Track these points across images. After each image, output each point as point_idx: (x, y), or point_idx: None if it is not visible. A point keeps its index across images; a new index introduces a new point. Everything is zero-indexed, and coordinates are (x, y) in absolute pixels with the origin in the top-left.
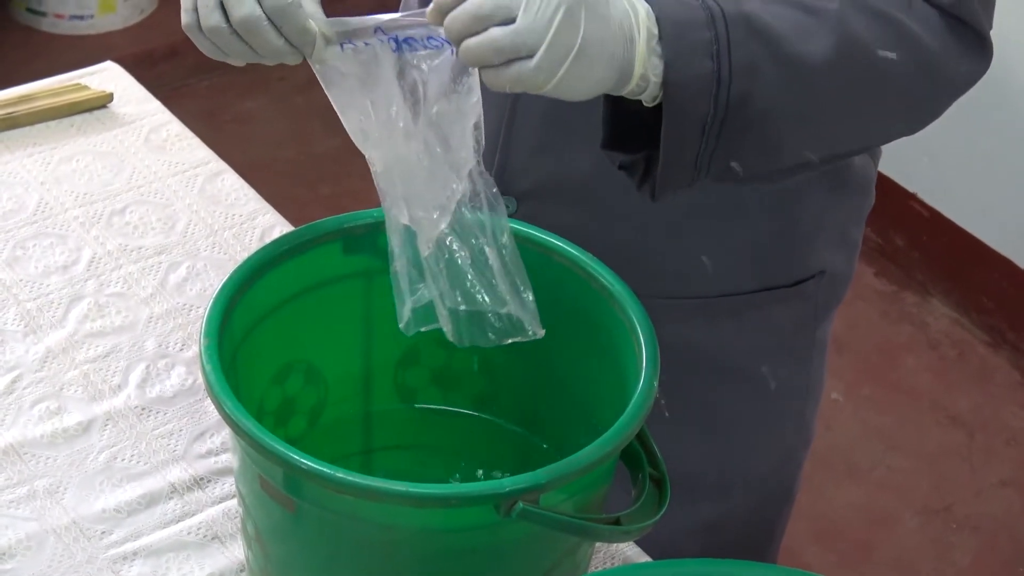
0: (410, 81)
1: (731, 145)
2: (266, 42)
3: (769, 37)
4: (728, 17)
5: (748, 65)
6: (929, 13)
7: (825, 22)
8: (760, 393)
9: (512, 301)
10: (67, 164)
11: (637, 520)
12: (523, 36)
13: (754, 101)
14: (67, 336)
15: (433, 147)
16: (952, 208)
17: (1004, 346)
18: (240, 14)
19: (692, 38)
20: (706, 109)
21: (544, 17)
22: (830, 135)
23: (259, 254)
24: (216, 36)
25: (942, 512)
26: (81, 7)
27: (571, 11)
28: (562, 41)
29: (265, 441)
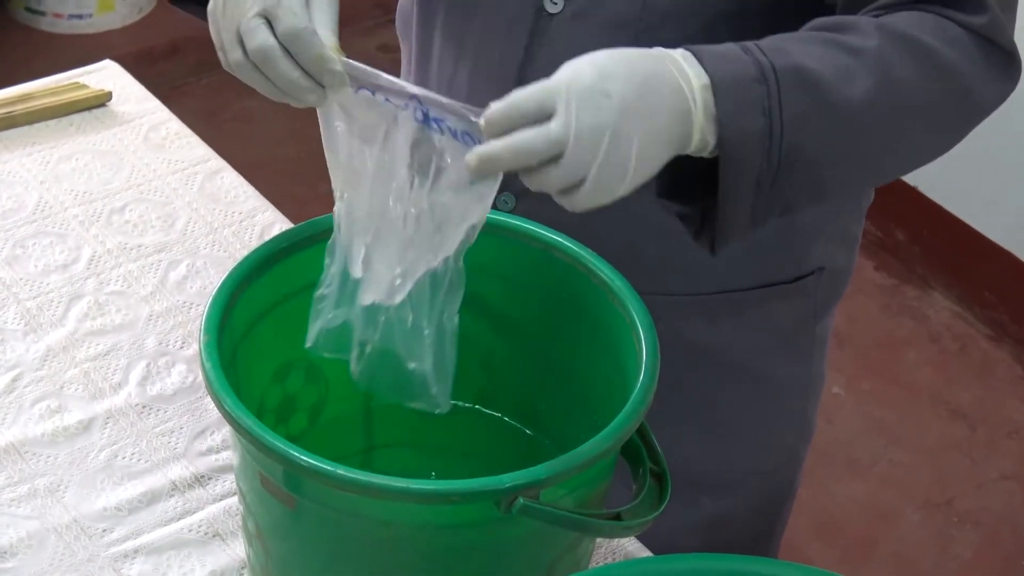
0: (423, 156)
1: (785, 194)
2: (281, 73)
3: (817, 86)
4: (778, 70)
5: (798, 116)
6: (961, 35)
7: (866, 62)
8: (761, 389)
9: (430, 366)
10: (66, 163)
11: (638, 515)
12: (572, 171)
13: (804, 150)
14: (67, 335)
15: (424, 224)
16: (953, 201)
17: (1006, 339)
18: (254, 44)
19: (745, 96)
20: (760, 163)
21: (590, 147)
22: (872, 168)
23: (259, 251)
24: (241, 71)
25: (943, 506)
26: (80, 6)
27: (617, 131)
28: (613, 163)
29: (265, 439)
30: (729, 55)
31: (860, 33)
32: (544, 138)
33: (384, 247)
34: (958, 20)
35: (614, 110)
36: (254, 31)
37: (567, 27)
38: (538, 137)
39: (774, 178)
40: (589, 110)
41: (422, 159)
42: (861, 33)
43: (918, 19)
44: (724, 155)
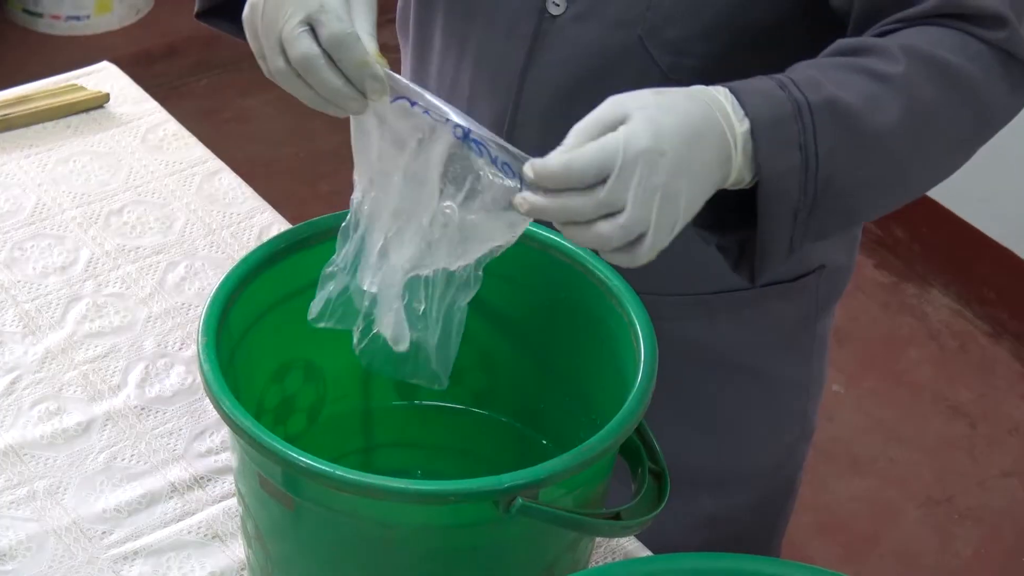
0: (457, 171)
1: (819, 223)
2: (324, 81)
3: (848, 117)
4: (813, 107)
5: (831, 149)
6: (982, 50)
7: (894, 89)
8: (761, 387)
9: (436, 341)
10: (64, 165)
11: (637, 515)
12: (631, 229)
13: (837, 180)
14: (66, 337)
15: (451, 232)
16: (952, 199)
17: (1005, 336)
18: (297, 52)
19: (782, 134)
20: (797, 196)
21: (647, 207)
22: (901, 191)
23: (257, 252)
24: (283, 79)
25: (944, 503)
26: (77, 8)
27: (670, 186)
28: (667, 217)
29: (264, 440)
30: (768, 93)
31: (887, 58)
32: (596, 203)
33: (405, 244)
34: (978, 35)
35: (669, 167)
36: (297, 39)
37: (569, 28)
38: (590, 203)
39: (811, 209)
40: (644, 171)
41: (456, 174)
42: (888, 57)
43: (939, 37)
44: (762, 192)
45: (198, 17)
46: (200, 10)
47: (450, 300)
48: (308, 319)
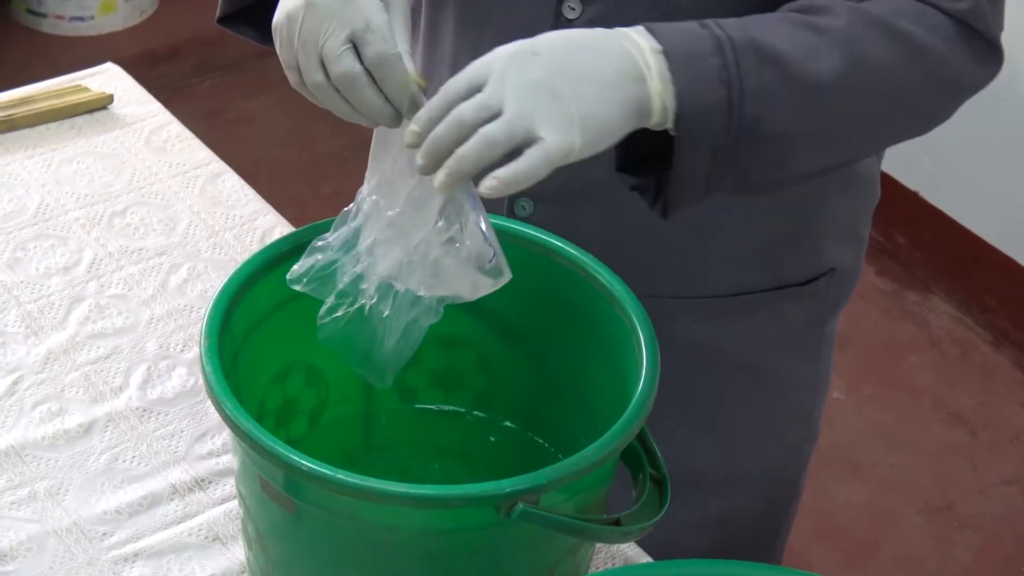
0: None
1: (742, 164)
2: (364, 99)
3: (778, 60)
4: (736, 43)
5: (759, 89)
6: (942, 22)
7: (833, 40)
8: (769, 389)
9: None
10: (68, 166)
11: (637, 521)
12: (514, 124)
13: (765, 124)
14: (68, 338)
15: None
16: (954, 206)
17: (1006, 344)
18: (340, 69)
19: (702, 67)
20: (718, 134)
21: (526, 100)
22: (841, 147)
23: (260, 255)
24: (320, 93)
25: (945, 510)
26: (81, 8)
27: (552, 83)
28: (559, 112)
29: (265, 442)
30: (685, 28)
31: (830, 14)
32: (474, 104)
33: (389, 253)
34: (940, 6)
35: (543, 67)
36: (340, 57)
37: None
38: (469, 104)
39: (732, 149)
40: (517, 69)
41: (449, 215)
42: (831, 14)
43: (898, 5)
44: (683, 125)
45: (220, 21)
46: (223, 14)
47: (412, 317)
48: (286, 277)
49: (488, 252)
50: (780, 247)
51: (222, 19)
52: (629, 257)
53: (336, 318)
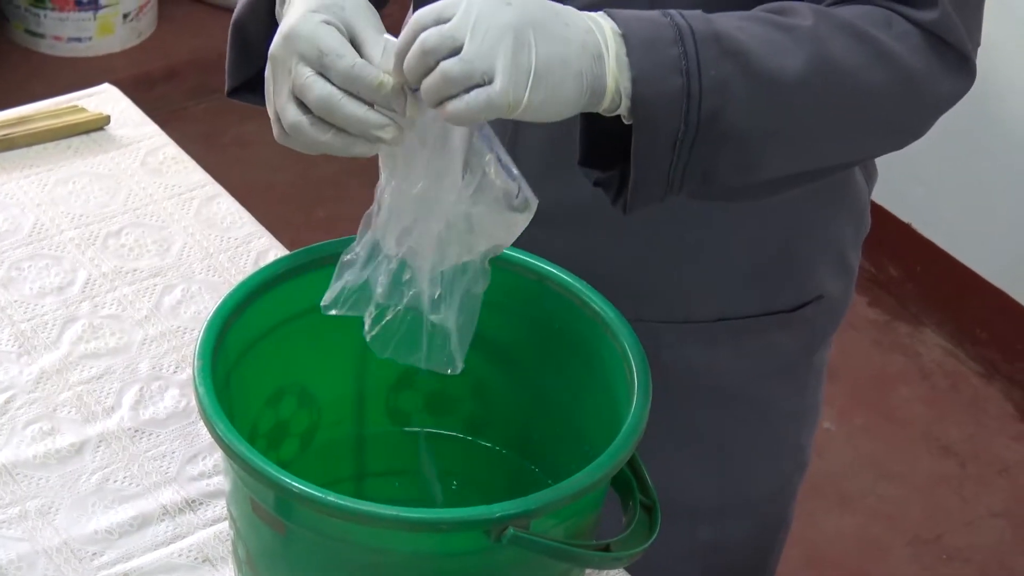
0: (474, 163)
1: (703, 160)
2: (350, 114)
3: (740, 54)
4: (697, 34)
5: (719, 82)
6: (909, 31)
7: (799, 39)
8: (758, 417)
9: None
10: (63, 186)
11: (627, 547)
12: (472, 63)
13: (726, 117)
14: (61, 357)
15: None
16: (946, 239)
17: (997, 377)
18: (315, 95)
19: (661, 54)
20: (677, 125)
21: (489, 41)
22: (808, 151)
23: (254, 277)
24: (300, 132)
25: (933, 542)
26: (79, 29)
27: (519, 33)
28: (517, 63)
29: (257, 464)
30: (647, 16)
31: (797, 15)
32: (438, 33)
33: (425, 234)
34: (907, 16)
35: (513, 14)
36: (311, 84)
37: None
38: (433, 31)
39: (693, 142)
40: (487, 11)
41: (473, 164)
42: (798, 15)
43: (864, 12)
44: (639, 113)
45: (230, 95)
46: (231, 88)
47: (465, 287)
48: (321, 306)
49: (513, 187)
50: (766, 273)
51: (231, 92)
52: (614, 280)
53: (386, 324)
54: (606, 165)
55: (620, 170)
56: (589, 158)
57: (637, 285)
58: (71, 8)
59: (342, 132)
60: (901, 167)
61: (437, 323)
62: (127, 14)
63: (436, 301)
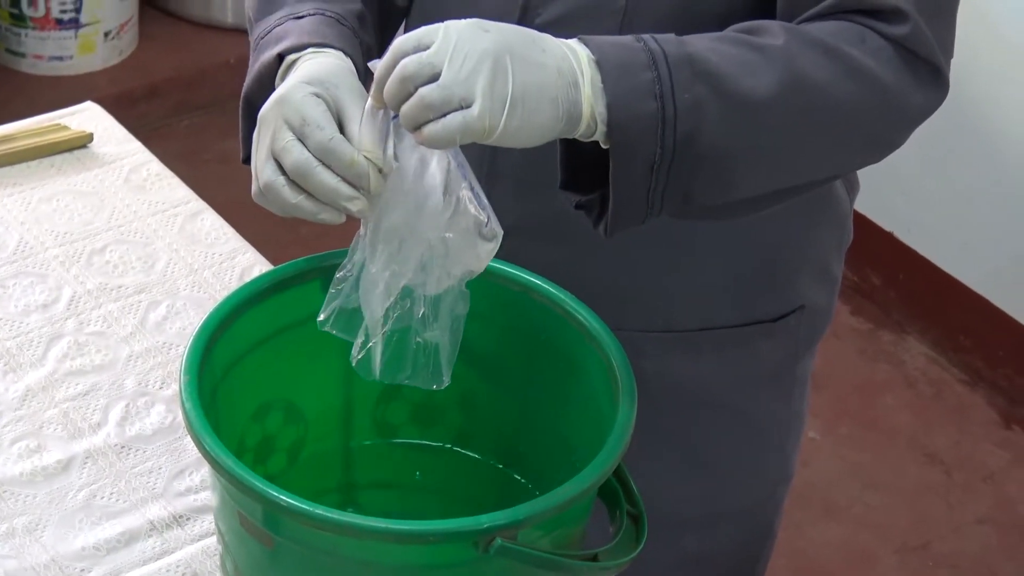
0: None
1: (682, 182)
2: (321, 183)
3: (713, 75)
4: (670, 57)
5: (693, 104)
6: (882, 46)
7: (770, 59)
8: (743, 427)
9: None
10: (47, 204)
11: (615, 556)
12: (450, 89)
13: (702, 138)
14: (47, 374)
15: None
16: (929, 247)
17: (981, 384)
18: (291, 160)
19: (634, 80)
20: (653, 148)
21: (467, 69)
22: (784, 168)
23: (239, 293)
24: (272, 193)
25: (920, 550)
26: (61, 48)
27: (496, 59)
28: (494, 89)
29: (244, 478)
30: (620, 41)
31: (769, 34)
32: (417, 60)
33: (406, 257)
34: (879, 30)
35: (491, 41)
36: (289, 149)
37: None
38: (413, 59)
39: (670, 165)
40: (466, 38)
41: (450, 187)
42: (770, 34)
43: (836, 28)
44: (615, 138)
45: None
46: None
47: (449, 307)
48: (317, 321)
49: (483, 217)
50: (749, 282)
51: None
52: (596, 290)
53: (371, 349)
54: (586, 188)
55: (600, 193)
56: (569, 182)
57: (619, 294)
58: (52, 27)
59: (313, 198)
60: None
61: (426, 340)
62: (108, 32)
63: (423, 319)
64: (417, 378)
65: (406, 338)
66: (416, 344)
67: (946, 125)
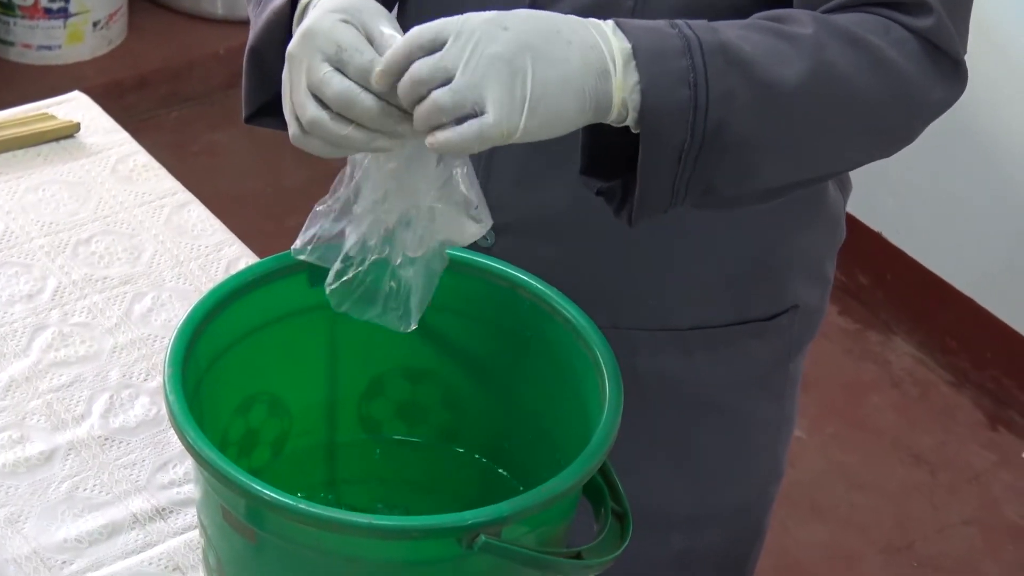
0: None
1: (708, 171)
2: (366, 109)
3: (745, 64)
4: (704, 45)
5: (725, 93)
6: (906, 38)
7: (800, 48)
8: (734, 426)
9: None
10: (33, 193)
11: (599, 554)
12: (462, 93)
13: (731, 128)
14: (31, 365)
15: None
16: (916, 247)
17: (967, 385)
18: (331, 92)
19: (668, 67)
20: (683, 136)
21: (481, 71)
22: (807, 159)
23: (224, 285)
24: (319, 129)
25: (904, 550)
26: (49, 37)
27: (512, 60)
28: (510, 92)
29: (227, 472)
30: (655, 27)
31: (797, 23)
32: (432, 64)
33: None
34: (903, 23)
35: (509, 41)
36: (329, 80)
37: None
38: (426, 62)
39: (698, 153)
40: (481, 37)
41: (447, 159)
42: (798, 23)
43: (862, 19)
44: (646, 124)
45: (247, 121)
46: (248, 114)
47: (425, 262)
48: (291, 249)
49: (473, 200)
50: (743, 282)
51: (248, 118)
52: (590, 288)
53: (346, 281)
54: (607, 175)
55: (622, 181)
56: (590, 168)
57: (613, 293)
58: (41, 16)
59: (361, 127)
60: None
61: (401, 280)
62: (97, 22)
63: (401, 264)
64: (386, 317)
65: (381, 278)
66: (390, 287)
67: (936, 126)
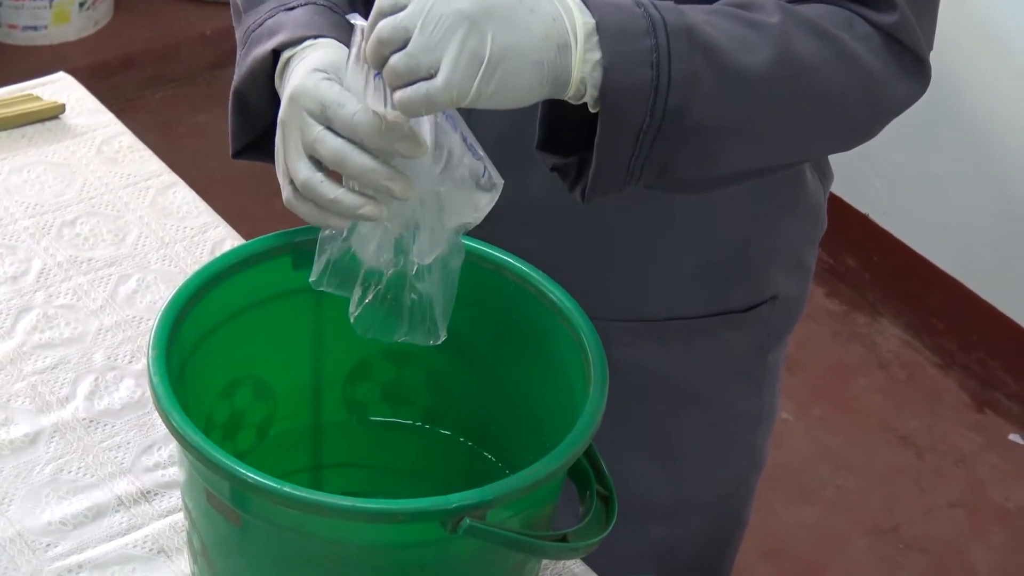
0: (440, 142)
1: (665, 153)
2: (359, 165)
3: (710, 49)
4: (669, 27)
5: (688, 76)
6: (870, 33)
7: (766, 36)
8: (712, 417)
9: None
10: (18, 175)
11: (584, 537)
12: (416, 57)
13: (691, 112)
14: (15, 347)
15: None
16: (903, 229)
17: (954, 368)
18: (326, 150)
19: (632, 46)
20: (642, 118)
21: (438, 34)
22: (766, 147)
23: (209, 267)
24: (311, 190)
25: (890, 532)
26: (35, 18)
27: (473, 22)
28: (465, 57)
29: (212, 454)
30: (621, 5)
31: (764, 11)
32: (392, 23)
33: (395, 213)
34: (868, 17)
35: (468, 7)
36: (322, 138)
37: None
38: (388, 22)
39: (656, 135)
40: (441, 3)
41: (439, 143)
42: (765, 11)
43: (827, 11)
44: (606, 103)
45: (235, 157)
46: (236, 150)
47: (442, 262)
48: (310, 281)
49: (479, 167)
50: (720, 273)
51: (236, 154)
52: (565, 277)
53: (367, 304)
54: (563, 151)
55: (578, 157)
56: (547, 143)
57: (590, 283)
58: None
59: (351, 191)
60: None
61: (421, 293)
62: (83, 3)
63: (417, 274)
64: (414, 334)
65: (401, 295)
66: (411, 301)
67: (923, 108)
